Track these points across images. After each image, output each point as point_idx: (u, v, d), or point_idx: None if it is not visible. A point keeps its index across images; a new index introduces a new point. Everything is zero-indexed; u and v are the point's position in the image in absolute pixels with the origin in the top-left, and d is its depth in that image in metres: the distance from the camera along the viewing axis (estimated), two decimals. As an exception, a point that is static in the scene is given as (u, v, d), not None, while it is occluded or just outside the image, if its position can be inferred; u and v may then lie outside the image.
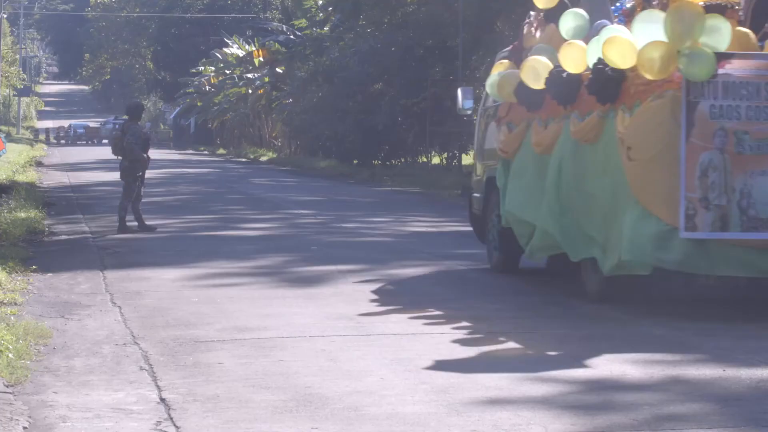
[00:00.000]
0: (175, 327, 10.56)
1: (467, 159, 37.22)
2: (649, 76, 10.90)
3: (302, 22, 52.55)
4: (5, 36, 75.84)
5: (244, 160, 60.30)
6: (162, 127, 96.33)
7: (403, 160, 43.24)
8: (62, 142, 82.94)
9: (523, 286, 13.61)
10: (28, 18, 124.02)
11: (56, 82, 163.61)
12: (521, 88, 12.89)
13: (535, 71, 12.56)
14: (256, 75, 63.33)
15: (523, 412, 7.51)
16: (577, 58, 11.91)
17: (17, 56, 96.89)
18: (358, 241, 18.72)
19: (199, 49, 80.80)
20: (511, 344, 9.85)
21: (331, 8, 46.52)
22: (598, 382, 8.46)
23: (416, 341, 9.92)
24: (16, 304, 11.58)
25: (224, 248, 17.14)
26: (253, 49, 65.09)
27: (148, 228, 19.19)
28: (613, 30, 11.45)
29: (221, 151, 70.94)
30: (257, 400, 7.80)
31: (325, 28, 48.72)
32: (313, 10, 51.17)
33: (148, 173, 20.11)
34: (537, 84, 12.56)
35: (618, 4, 12.87)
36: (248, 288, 13.19)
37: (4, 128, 77.58)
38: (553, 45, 12.67)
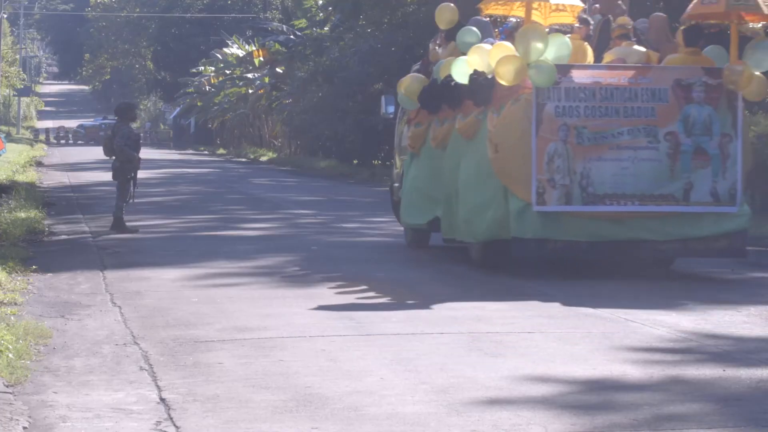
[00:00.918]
0: (175, 327, 10.56)
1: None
2: (504, 83, 13.69)
3: (302, 22, 52.57)
4: (5, 36, 75.85)
5: (244, 160, 60.32)
6: (162, 127, 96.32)
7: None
8: (65, 142, 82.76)
9: (524, 286, 13.61)
10: (28, 18, 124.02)
11: (56, 82, 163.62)
12: (422, 94, 15.69)
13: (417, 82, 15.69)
14: (256, 75, 63.36)
15: (523, 412, 7.51)
16: (484, 62, 14.20)
17: (17, 56, 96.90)
18: (358, 241, 18.73)
19: (199, 49, 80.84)
20: (511, 345, 9.86)
21: (331, 8, 46.54)
22: (598, 382, 8.46)
23: (416, 341, 9.92)
24: (16, 304, 11.58)
25: (224, 248, 17.14)
26: (253, 49, 65.12)
27: (125, 228, 19.09)
28: (495, 46, 14.10)
29: (221, 151, 70.95)
30: (257, 400, 7.80)
31: (325, 28, 48.74)
32: (313, 10, 51.19)
33: (148, 173, 20.14)
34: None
35: (508, 23, 15.39)
36: (248, 288, 13.19)
37: (4, 128, 77.62)
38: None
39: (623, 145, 13.83)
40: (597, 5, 15.70)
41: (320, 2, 49.87)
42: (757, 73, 14.06)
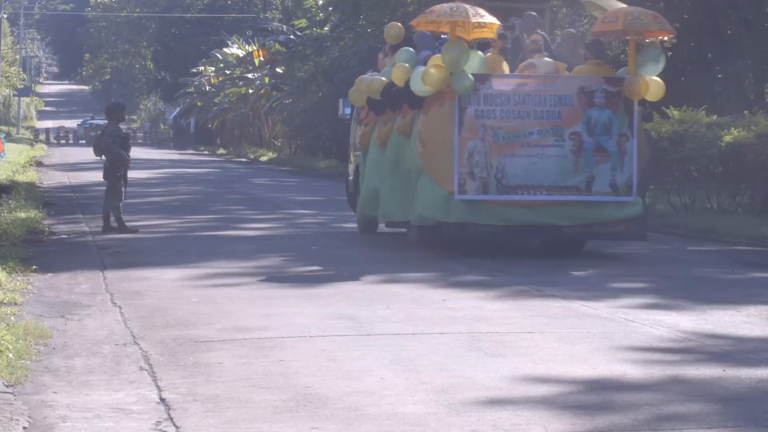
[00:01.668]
0: (175, 327, 10.56)
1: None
2: (430, 89, 16.05)
3: (302, 22, 52.58)
4: (5, 36, 75.84)
5: (244, 160, 60.32)
6: (162, 127, 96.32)
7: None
8: (65, 142, 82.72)
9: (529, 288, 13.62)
10: (28, 18, 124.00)
11: (56, 82, 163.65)
12: (371, 99, 17.80)
13: (376, 88, 17.61)
14: (256, 75, 63.35)
15: (523, 412, 7.51)
16: (401, 77, 16.72)
17: (17, 56, 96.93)
18: (358, 241, 18.72)
19: (199, 49, 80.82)
20: (511, 345, 9.86)
21: (331, 8, 46.55)
22: (598, 382, 8.46)
23: (416, 341, 9.92)
24: (16, 304, 11.58)
25: (224, 248, 17.15)
26: (253, 49, 65.12)
27: (110, 229, 19.08)
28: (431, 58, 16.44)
29: (221, 151, 70.93)
30: (257, 400, 7.80)
31: (325, 28, 48.76)
32: (313, 10, 51.20)
33: (148, 173, 20.17)
34: (377, 96, 17.56)
35: (443, 37, 17.46)
36: (248, 288, 13.19)
37: (4, 128, 77.62)
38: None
39: (533, 143, 16.07)
40: (517, 21, 17.91)
41: (320, 2, 49.88)
42: (654, 78, 16.34)
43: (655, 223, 21.42)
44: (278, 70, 59.79)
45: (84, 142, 78.02)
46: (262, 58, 63.24)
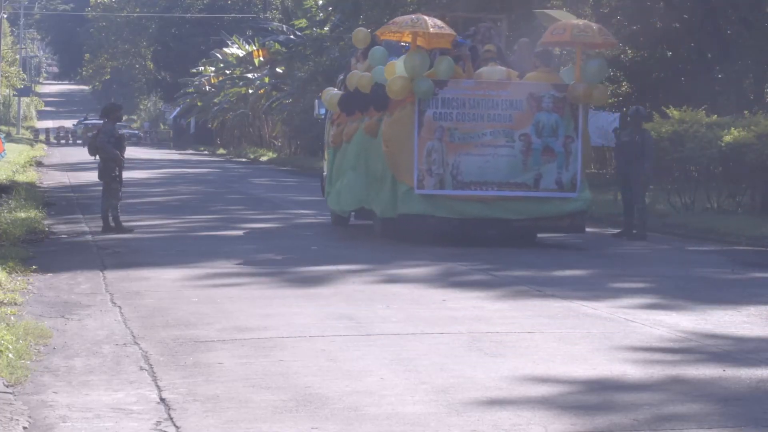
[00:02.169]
0: (175, 327, 10.56)
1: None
2: (394, 96, 17.56)
3: (302, 22, 52.59)
4: (5, 36, 75.83)
5: (244, 160, 60.33)
6: (162, 127, 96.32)
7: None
8: (65, 142, 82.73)
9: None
10: (28, 18, 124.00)
11: (56, 82, 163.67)
12: (342, 99, 19.39)
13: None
14: (256, 75, 63.36)
15: (523, 412, 7.51)
16: (366, 84, 18.41)
17: (17, 56, 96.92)
18: (358, 241, 18.72)
19: (199, 49, 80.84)
20: (511, 345, 9.86)
21: (331, 8, 46.56)
22: (598, 382, 8.46)
23: (416, 341, 9.92)
24: (16, 304, 11.58)
25: (224, 248, 17.14)
26: (253, 49, 65.12)
27: (110, 229, 19.09)
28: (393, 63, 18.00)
29: (221, 151, 70.94)
30: (257, 400, 7.80)
31: (325, 28, 48.79)
32: (313, 10, 51.22)
33: (148, 173, 20.18)
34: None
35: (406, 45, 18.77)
36: (248, 288, 13.19)
37: (4, 128, 77.61)
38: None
39: (486, 144, 17.63)
40: (474, 33, 19.51)
41: (320, 2, 49.89)
42: (598, 87, 17.97)
43: (655, 223, 21.43)
44: (278, 70, 59.79)
45: (80, 142, 78.03)
46: (262, 58, 63.24)
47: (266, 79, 61.26)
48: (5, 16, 72.12)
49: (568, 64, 19.06)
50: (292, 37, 55.04)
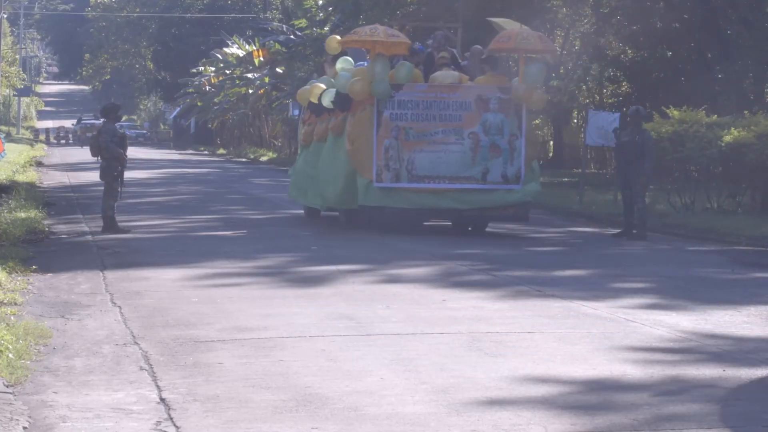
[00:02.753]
0: (175, 327, 10.56)
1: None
2: (355, 98, 19.44)
3: (302, 22, 52.57)
4: (5, 36, 75.82)
5: (244, 160, 60.31)
6: (162, 127, 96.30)
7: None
8: (65, 142, 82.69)
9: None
10: (28, 18, 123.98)
11: (56, 82, 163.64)
12: (311, 102, 21.49)
13: (315, 93, 21.31)
14: (256, 75, 63.31)
15: (523, 412, 7.51)
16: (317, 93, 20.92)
17: (17, 56, 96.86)
18: (358, 241, 18.72)
19: (199, 49, 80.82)
20: (511, 345, 9.86)
21: (331, 8, 46.53)
22: (598, 382, 8.46)
23: (416, 341, 9.92)
24: (16, 304, 11.58)
25: (224, 248, 17.14)
26: (253, 49, 65.08)
27: (110, 229, 19.05)
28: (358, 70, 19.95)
29: (221, 151, 70.92)
30: (257, 400, 7.80)
31: (325, 28, 48.73)
32: (313, 10, 51.20)
33: (148, 173, 20.18)
34: (315, 100, 21.23)
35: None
36: (248, 288, 13.19)
37: (4, 128, 77.59)
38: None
39: (438, 141, 19.43)
40: (430, 41, 21.41)
41: (320, 2, 49.88)
42: (537, 90, 19.69)
43: (655, 223, 21.44)
44: (278, 70, 59.76)
45: (72, 142, 78.04)
46: (262, 58, 63.20)
47: (266, 79, 61.23)
48: (5, 16, 72.13)
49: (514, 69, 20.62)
50: (292, 37, 55.02)
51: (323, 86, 21.32)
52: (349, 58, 20.77)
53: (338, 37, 21.42)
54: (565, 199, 28.02)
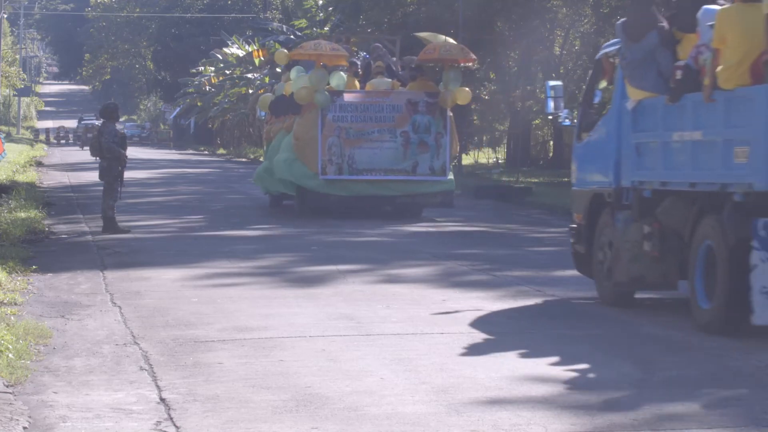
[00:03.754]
0: (175, 327, 10.56)
1: (466, 159, 37.04)
2: (301, 103, 22.34)
3: (302, 22, 52.56)
4: (5, 36, 75.82)
5: (244, 160, 60.27)
6: (162, 127, 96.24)
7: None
8: (65, 142, 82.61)
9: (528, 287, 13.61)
10: (28, 18, 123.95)
11: (56, 82, 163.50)
12: (271, 104, 24.81)
13: (268, 100, 25.03)
14: (256, 75, 63.27)
15: (523, 412, 7.51)
16: (288, 92, 23.54)
17: (17, 56, 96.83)
18: (358, 241, 18.73)
19: (199, 49, 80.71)
20: (511, 345, 9.86)
21: (331, 8, 46.53)
22: (598, 382, 8.46)
23: (416, 341, 9.92)
24: (16, 304, 11.58)
25: (224, 248, 17.14)
26: (254, 49, 65.01)
27: (110, 229, 19.06)
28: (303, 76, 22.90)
29: (221, 151, 70.90)
30: (257, 400, 7.80)
31: (326, 28, 48.72)
32: (313, 10, 51.20)
33: (148, 173, 20.17)
34: (266, 106, 25.17)
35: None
36: (248, 288, 13.19)
37: (4, 128, 77.55)
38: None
39: (374, 139, 22.46)
40: (368, 54, 25.03)
41: (320, 2, 49.87)
42: (461, 89, 22.70)
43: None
44: (278, 70, 59.68)
45: (70, 141, 77.97)
46: (262, 58, 63.13)
47: (266, 79, 61.15)
48: (5, 16, 72.11)
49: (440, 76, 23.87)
50: (292, 37, 54.95)
51: (282, 92, 24.57)
52: (301, 67, 23.57)
53: (286, 51, 25.41)
54: (565, 198, 27.99)
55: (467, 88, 23.31)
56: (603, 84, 13.21)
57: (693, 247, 10.65)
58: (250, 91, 63.82)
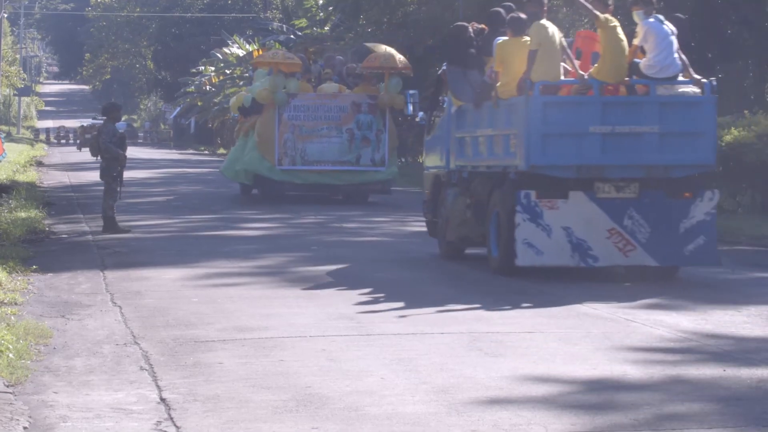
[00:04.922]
0: (176, 327, 10.57)
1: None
2: (262, 102, 26.04)
3: (302, 22, 52.55)
4: (5, 36, 75.81)
5: (244, 159, 60.22)
6: (162, 126, 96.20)
7: (403, 159, 43.29)
8: (65, 141, 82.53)
9: (527, 285, 13.62)
10: (29, 18, 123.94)
11: (56, 81, 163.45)
12: (241, 107, 27.82)
13: (241, 100, 28.09)
14: (256, 75, 63.23)
15: (523, 412, 7.51)
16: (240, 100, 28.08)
17: (17, 56, 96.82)
18: (358, 241, 18.73)
19: (199, 49, 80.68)
20: (511, 345, 9.86)
21: (331, 8, 46.53)
22: (598, 382, 8.47)
23: (416, 341, 9.92)
24: (16, 304, 11.58)
25: (224, 248, 17.14)
26: (254, 48, 64.97)
27: (110, 229, 19.08)
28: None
29: (222, 150, 70.84)
30: (257, 400, 7.80)
31: (326, 28, 48.75)
32: (313, 9, 51.18)
33: (148, 173, 20.17)
34: (246, 104, 27.62)
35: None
36: (248, 288, 13.20)
37: (4, 128, 77.52)
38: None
39: (323, 135, 26.37)
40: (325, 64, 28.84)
41: (320, 2, 49.87)
42: (397, 96, 25.96)
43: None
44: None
45: (69, 141, 78.02)
46: (262, 58, 63.10)
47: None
48: (5, 15, 72.10)
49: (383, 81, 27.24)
50: (292, 37, 54.97)
51: (247, 94, 27.90)
52: (265, 71, 27.04)
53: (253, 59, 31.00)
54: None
55: (402, 95, 25.62)
56: (442, 94, 16.79)
57: (488, 213, 14.45)
58: (250, 91, 63.84)
